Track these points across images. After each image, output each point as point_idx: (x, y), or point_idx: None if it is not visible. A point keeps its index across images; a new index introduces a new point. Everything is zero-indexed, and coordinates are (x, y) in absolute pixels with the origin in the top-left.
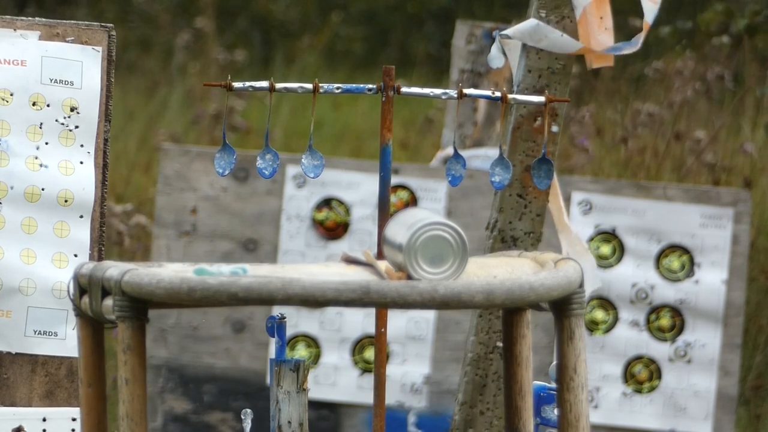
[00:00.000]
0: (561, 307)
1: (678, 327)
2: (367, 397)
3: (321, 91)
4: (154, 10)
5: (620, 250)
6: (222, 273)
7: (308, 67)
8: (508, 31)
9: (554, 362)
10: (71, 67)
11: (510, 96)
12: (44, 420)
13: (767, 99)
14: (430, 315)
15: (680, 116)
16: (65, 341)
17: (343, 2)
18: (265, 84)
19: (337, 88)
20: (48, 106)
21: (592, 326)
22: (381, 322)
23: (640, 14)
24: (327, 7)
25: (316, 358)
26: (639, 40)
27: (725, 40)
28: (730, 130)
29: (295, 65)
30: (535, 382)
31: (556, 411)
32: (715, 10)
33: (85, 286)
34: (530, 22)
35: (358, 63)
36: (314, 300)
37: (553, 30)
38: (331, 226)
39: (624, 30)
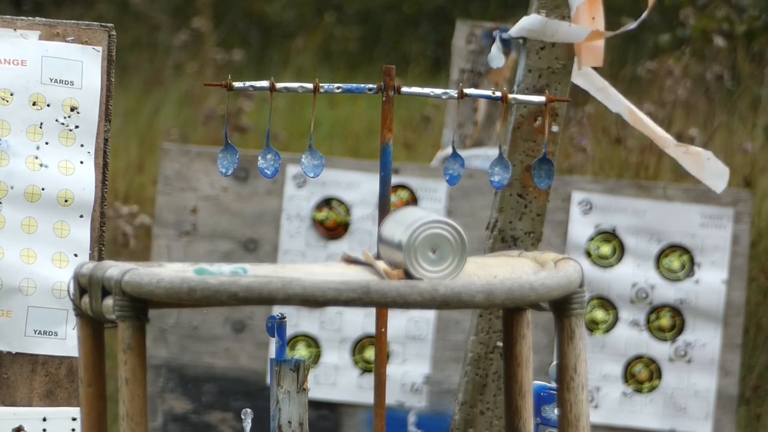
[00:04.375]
0: (561, 306)
1: (678, 327)
2: (367, 397)
3: (321, 90)
4: (151, 10)
5: (620, 250)
6: (222, 273)
7: (304, 67)
8: (520, 32)
9: (554, 362)
10: (71, 66)
11: (510, 96)
12: (44, 420)
13: (765, 99)
14: (430, 315)
15: (680, 116)
16: (65, 341)
17: (338, 2)
18: (265, 84)
19: (338, 87)
20: (48, 105)
21: (592, 326)
22: (381, 321)
23: (633, 14)
24: (323, 7)
25: (316, 358)
26: (644, 14)
27: (721, 43)
28: (730, 129)
29: (290, 65)
30: (535, 382)
31: (556, 411)
32: (715, 15)
33: (86, 286)
34: (536, 19)
35: (353, 63)
36: (314, 300)
37: (561, 22)
38: (332, 225)
39: (617, 29)
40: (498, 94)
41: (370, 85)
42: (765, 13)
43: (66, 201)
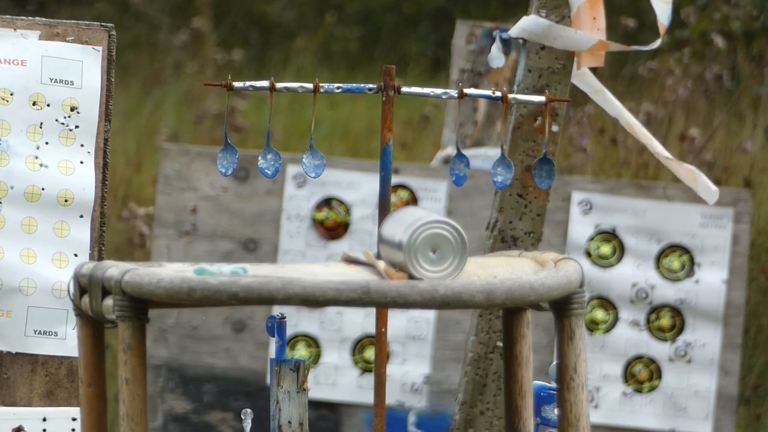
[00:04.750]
0: (561, 306)
1: (678, 327)
2: (367, 397)
3: (321, 90)
4: (151, 10)
5: (620, 250)
6: (222, 273)
7: (304, 67)
8: (521, 33)
9: (554, 362)
10: (71, 66)
11: (510, 96)
12: (44, 420)
13: (765, 98)
14: (430, 315)
15: (679, 116)
16: (65, 341)
17: (338, 3)
18: (265, 83)
19: (338, 87)
20: (48, 105)
21: (592, 326)
22: (381, 321)
23: (632, 13)
24: (323, 7)
25: (316, 358)
26: (656, 43)
27: (720, 44)
28: (730, 129)
29: (291, 65)
30: (535, 382)
31: (556, 411)
32: (712, 17)
33: (86, 286)
34: (537, 21)
35: (353, 63)
36: (314, 300)
37: (567, 28)
38: (332, 225)
39: (617, 29)
40: (498, 94)
41: (370, 85)
42: (763, 14)
43: (66, 201)
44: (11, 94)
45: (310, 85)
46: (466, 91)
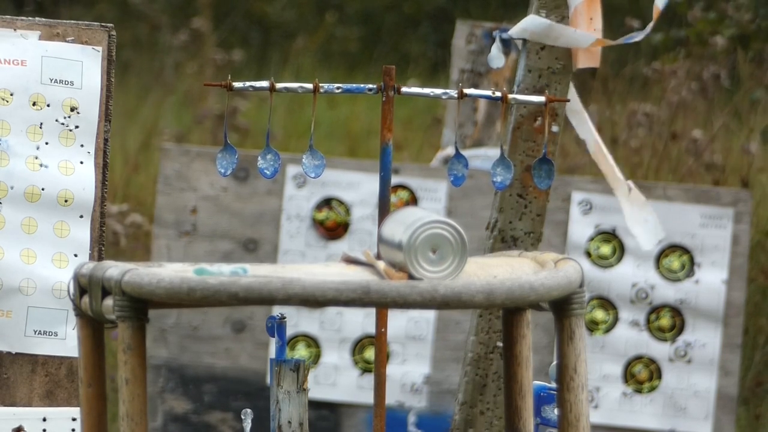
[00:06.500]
0: (561, 307)
1: (678, 327)
2: (367, 397)
3: (321, 91)
4: (151, 10)
5: (620, 250)
6: (222, 273)
7: (304, 67)
8: (522, 33)
9: (554, 362)
10: (71, 67)
11: (510, 96)
12: (44, 420)
13: (764, 101)
14: (430, 315)
15: (677, 116)
16: (65, 341)
17: (338, 2)
18: (265, 84)
19: (338, 88)
20: (48, 106)
21: (592, 326)
22: (381, 322)
23: (636, 14)
24: (323, 7)
25: (316, 358)
26: (649, 27)
27: (720, 42)
28: (729, 130)
29: (290, 65)
30: (535, 382)
31: (556, 411)
32: (707, 19)
33: (85, 286)
34: (538, 21)
35: (353, 63)
36: (314, 300)
37: (565, 27)
38: (331, 226)
39: (621, 30)
40: (498, 94)
41: (370, 86)
42: (758, 17)
43: (66, 201)
44: (11, 95)
45: (309, 86)
46: (466, 91)
